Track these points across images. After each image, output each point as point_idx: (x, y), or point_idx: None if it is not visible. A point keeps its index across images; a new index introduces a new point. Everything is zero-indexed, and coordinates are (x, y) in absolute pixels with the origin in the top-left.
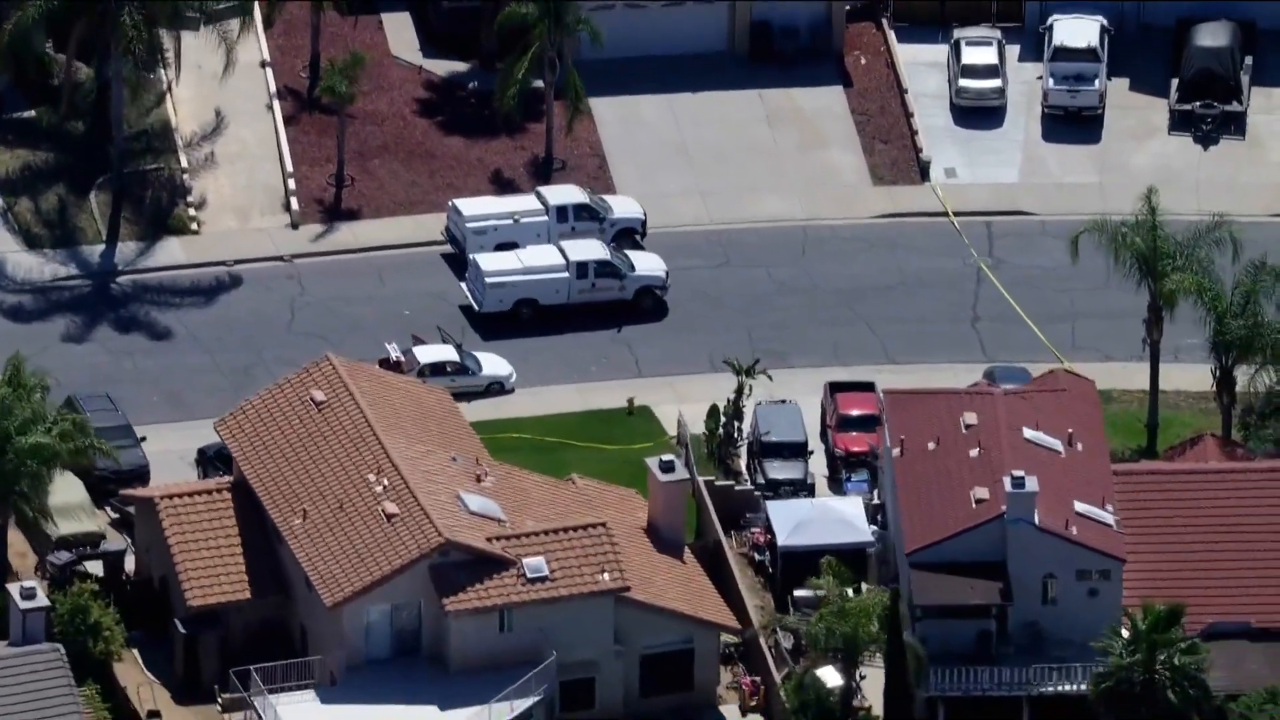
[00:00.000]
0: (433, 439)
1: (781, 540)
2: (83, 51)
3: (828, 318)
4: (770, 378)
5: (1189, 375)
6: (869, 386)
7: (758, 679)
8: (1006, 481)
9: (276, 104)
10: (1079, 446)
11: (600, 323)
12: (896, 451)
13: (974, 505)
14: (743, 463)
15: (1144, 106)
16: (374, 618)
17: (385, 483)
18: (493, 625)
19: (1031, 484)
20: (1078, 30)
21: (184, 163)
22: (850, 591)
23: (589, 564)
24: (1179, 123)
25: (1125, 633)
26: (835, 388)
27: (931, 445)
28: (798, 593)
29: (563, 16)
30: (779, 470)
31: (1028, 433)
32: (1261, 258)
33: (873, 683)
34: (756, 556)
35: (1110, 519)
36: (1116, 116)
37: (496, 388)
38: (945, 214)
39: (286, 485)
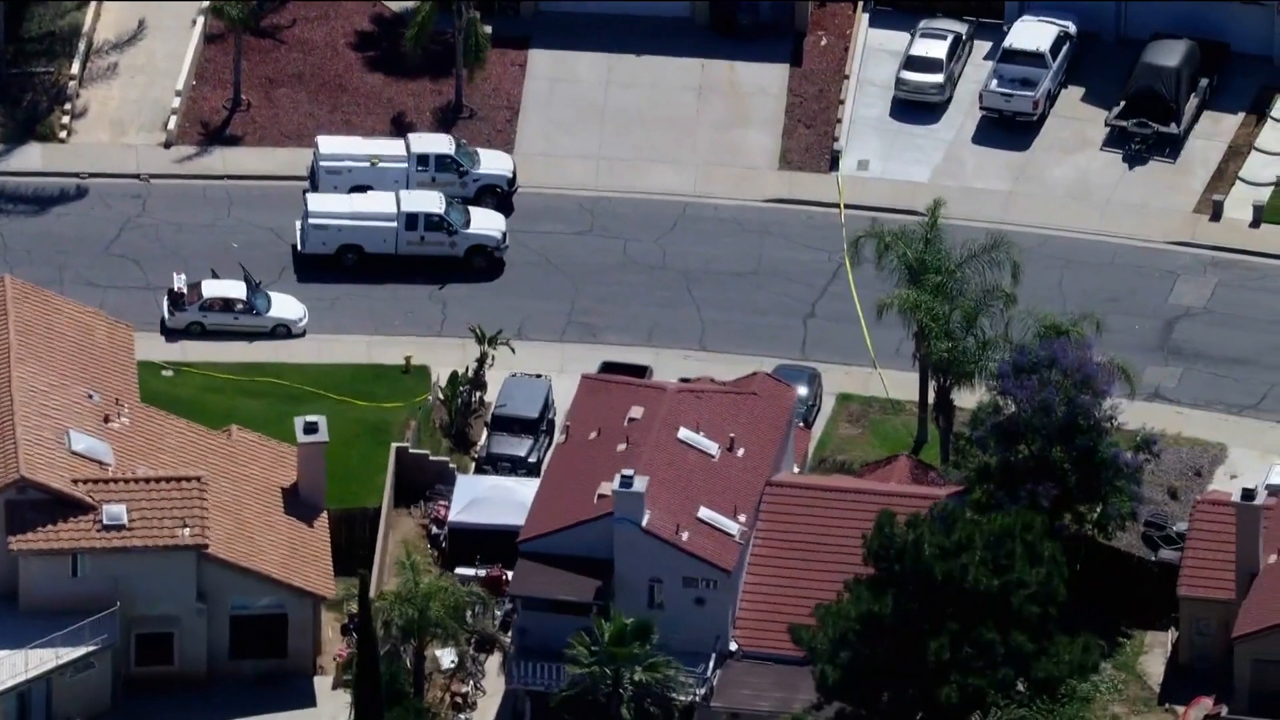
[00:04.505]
0: (79, 374)
1: (452, 516)
2: None
3: (662, 298)
4: (513, 350)
5: (972, 394)
6: (642, 371)
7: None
8: (615, 480)
9: (200, 20)
10: (739, 452)
11: (431, 278)
12: (562, 438)
13: (595, 500)
14: (483, 434)
15: (1086, 118)
16: None
17: None
18: (64, 569)
19: (640, 484)
20: (1031, 33)
21: (74, 69)
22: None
23: (172, 517)
24: (1114, 139)
25: None
26: (606, 368)
27: (593, 435)
28: (459, 570)
29: None
30: (503, 445)
31: (683, 433)
32: (995, 282)
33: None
34: (434, 530)
35: (734, 529)
36: (1056, 126)
37: (283, 330)
38: (836, 205)
39: None
